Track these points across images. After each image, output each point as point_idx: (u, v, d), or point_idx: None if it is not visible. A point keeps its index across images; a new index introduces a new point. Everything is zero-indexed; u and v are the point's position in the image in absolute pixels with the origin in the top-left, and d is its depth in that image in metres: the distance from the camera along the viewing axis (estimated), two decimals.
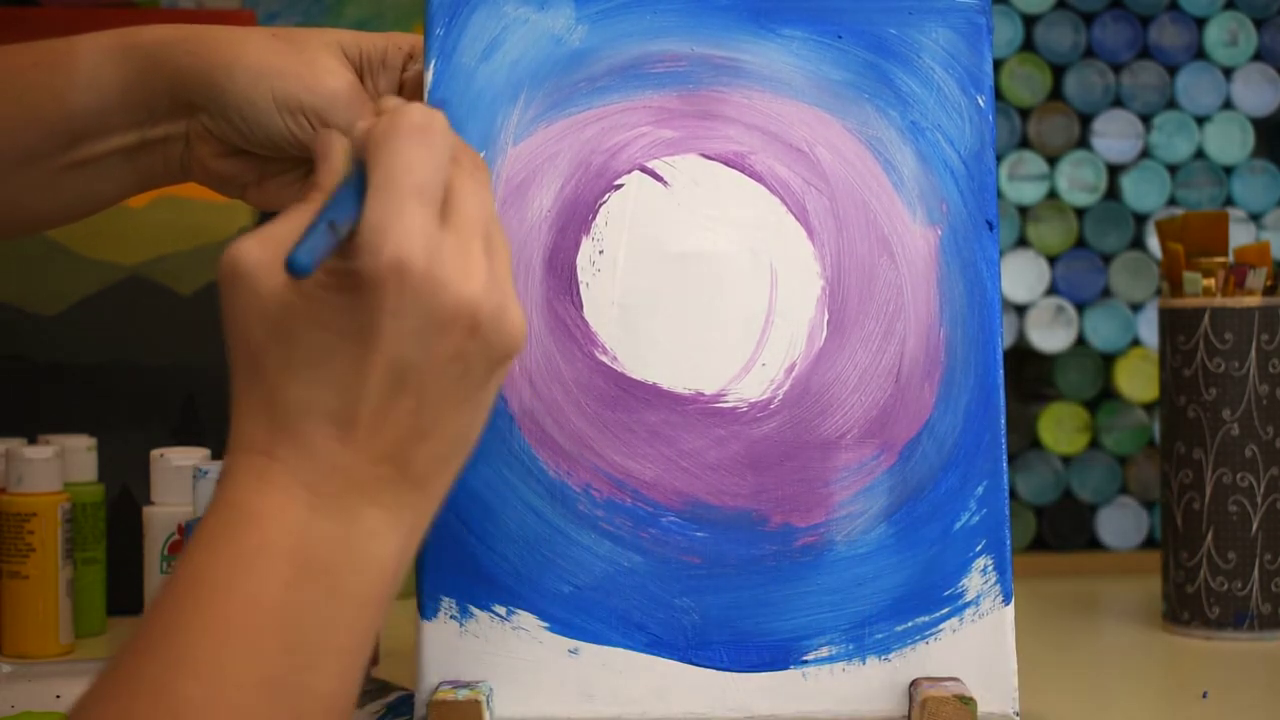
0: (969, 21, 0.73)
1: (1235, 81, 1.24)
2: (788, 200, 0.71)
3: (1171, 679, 0.92)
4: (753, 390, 0.69)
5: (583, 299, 0.70)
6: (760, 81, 0.72)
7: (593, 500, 0.69)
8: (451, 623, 0.68)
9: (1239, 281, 0.98)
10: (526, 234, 0.71)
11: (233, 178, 0.73)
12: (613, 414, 0.69)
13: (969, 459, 0.70)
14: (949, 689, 0.67)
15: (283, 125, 0.70)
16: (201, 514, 0.85)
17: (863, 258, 0.71)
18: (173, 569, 0.53)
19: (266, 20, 1.33)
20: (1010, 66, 1.23)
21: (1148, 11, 1.23)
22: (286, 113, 0.70)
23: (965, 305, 0.70)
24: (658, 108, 0.72)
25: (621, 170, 0.71)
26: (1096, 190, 1.23)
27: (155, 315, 1.07)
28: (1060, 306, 1.22)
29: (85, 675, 0.78)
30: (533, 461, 0.69)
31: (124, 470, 1.05)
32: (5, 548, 0.94)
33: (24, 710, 0.77)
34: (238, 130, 0.70)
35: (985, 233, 0.71)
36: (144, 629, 0.51)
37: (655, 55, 0.72)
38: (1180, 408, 0.99)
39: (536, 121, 0.72)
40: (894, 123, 0.72)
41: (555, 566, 0.68)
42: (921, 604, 0.69)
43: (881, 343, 0.70)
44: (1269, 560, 0.97)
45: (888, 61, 0.72)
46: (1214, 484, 0.98)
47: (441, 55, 0.72)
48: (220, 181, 0.73)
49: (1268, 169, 1.24)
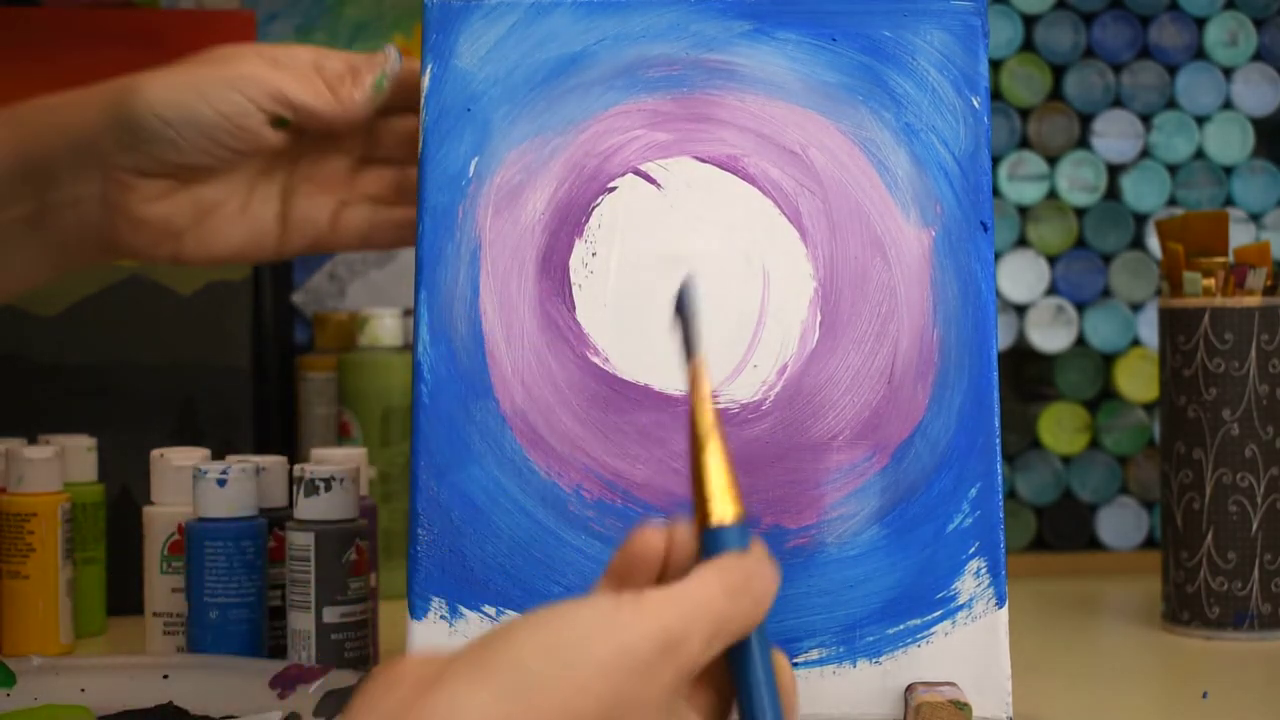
0: (964, 24, 0.73)
1: (1235, 81, 1.24)
2: (780, 202, 0.71)
3: (1171, 679, 0.92)
4: (744, 392, 0.70)
5: (575, 300, 0.70)
6: (754, 84, 0.72)
7: (583, 501, 0.69)
8: (441, 623, 0.68)
9: (1239, 281, 0.98)
10: (520, 237, 0.71)
11: (165, 222, 0.70)
12: (604, 415, 0.69)
13: (962, 461, 0.70)
14: (945, 694, 0.67)
15: (213, 111, 0.68)
16: (201, 513, 0.85)
17: (856, 259, 0.71)
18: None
19: (266, 20, 1.33)
20: (1010, 66, 1.23)
21: (1148, 11, 1.23)
22: (214, 95, 0.68)
23: (959, 307, 0.70)
24: (651, 111, 0.72)
25: (615, 173, 0.71)
26: (1096, 190, 1.23)
27: (155, 315, 1.07)
28: (1060, 306, 1.22)
29: (112, 670, 0.79)
30: (524, 462, 0.69)
31: (124, 470, 1.05)
32: (5, 548, 0.95)
33: (47, 704, 0.77)
34: (167, 141, 0.68)
35: (980, 234, 0.71)
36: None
37: (650, 59, 0.72)
38: (1180, 408, 0.99)
39: (531, 125, 0.72)
40: (888, 125, 0.72)
41: (545, 567, 0.68)
42: (913, 607, 0.69)
43: (874, 344, 0.70)
44: (1269, 560, 0.97)
45: (882, 64, 0.72)
46: (1214, 484, 0.98)
47: (438, 59, 0.72)
48: (152, 235, 0.70)
49: (1268, 169, 1.24)
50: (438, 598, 0.68)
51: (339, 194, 0.73)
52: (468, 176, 0.71)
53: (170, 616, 0.91)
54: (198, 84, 0.68)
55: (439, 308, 0.70)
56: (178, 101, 0.68)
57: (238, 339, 1.11)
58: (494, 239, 0.71)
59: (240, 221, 0.72)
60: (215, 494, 0.85)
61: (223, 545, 0.85)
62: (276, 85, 0.69)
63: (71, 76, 1.16)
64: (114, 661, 0.82)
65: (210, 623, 0.85)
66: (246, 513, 0.86)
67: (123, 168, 0.69)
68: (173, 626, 0.91)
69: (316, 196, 0.73)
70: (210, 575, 0.85)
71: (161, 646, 0.91)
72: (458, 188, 0.71)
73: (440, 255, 0.71)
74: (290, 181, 0.73)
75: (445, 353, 0.70)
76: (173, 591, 0.90)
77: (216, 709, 0.77)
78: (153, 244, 0.71)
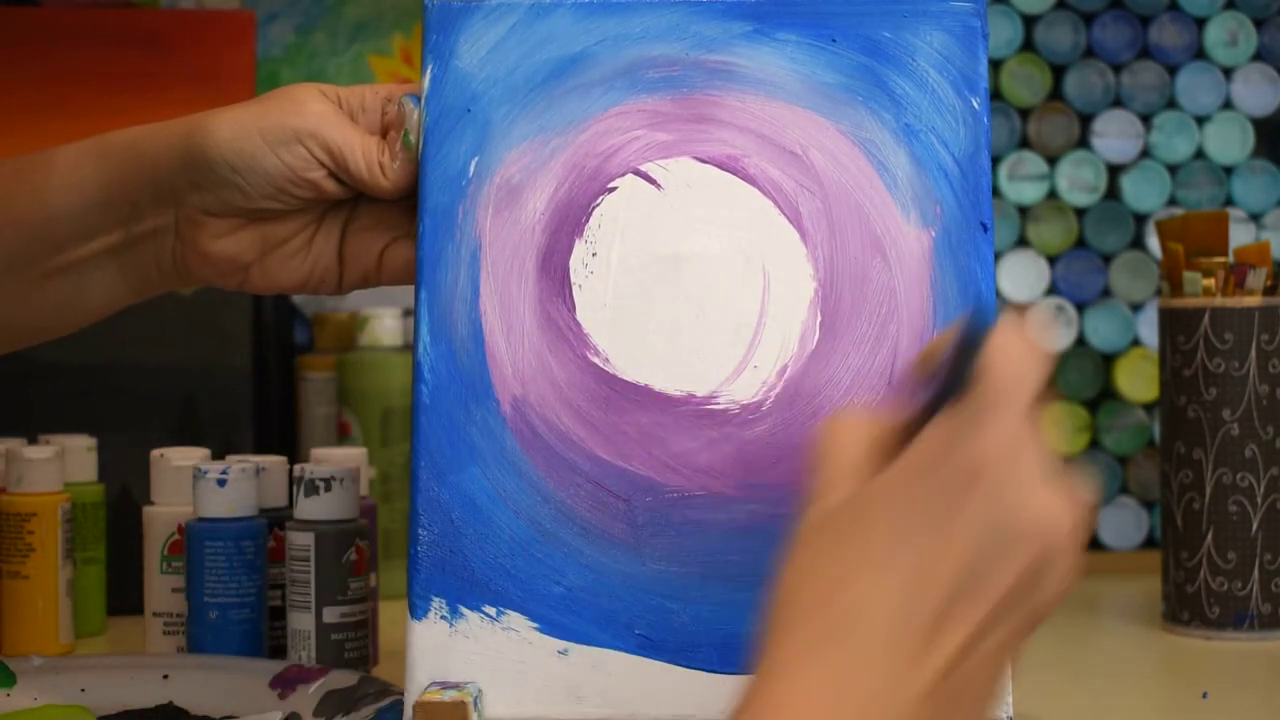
0: (963, 24, 0.73)
1: (1235, 81, 1.24)
2: (780, 203, 0.71)
3: (1171, 679, 0.93)
4: (745, 392, 0.70)
5: (575, 300, 0.70)
6: (754, 85, 0.72)
7: (584, 501, 0.69)
8: (441, 623, 0.68)
9: (1239, 281, 0.98)
10: (520, 237, 0.71)
11: (233, 258, 0.72)
12: (604, 415, 0.69)
13: None
14: None
15: (278, 162, 0.70)
16: (201, 513, 0.85)
17: (856, 260, 0.71)
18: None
19: (266, 20, 1.33)
20: (1010, 66, 1.23)
21: (1148, 11, 1.23)
22: (280, 146, 0.70)
23: (959, 307, 0.71)
24: (652, 111, 0.72)
25: (615, 173, 0.71)
26: (1096, 190, 1.23)
27: (155, 315, 1.07)
28: (1060, 306, 1.22)
29: (112, 670, 0.79)
30: (524, 462, 0.69)
31: (124, 470, 1.05)
32: (5, 548, 0.95)
33: (47, 704, 0.77)
34: (235, 187, 0.70)
35: (980, 235, 0.71)
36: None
37: (650, 60, 0.72)
38: (1180, 408, 0.99)
39: (531, 125, 0.72)
40: (888, 125, 0.72)
41: (545, 567, 0.68)
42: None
43: (874, 345, 0.70)
44: (1269, 560, 0.97)
45: (882, 64, 0.72)
46: (1214, 484, 0.98)
47: (438, 59, 0.72)
48: (220, 268, 0.73)
49: (1268, 169, 1.24)
50: (438, 598, 0.68)
51: (391, 232, 0.74)
52: (468, 176, 0.71)
53: (170, 616, 0.91)
54: (264, 131, 0.70)
55: (439, 308, 0.70)
56: (245, 150, 0.70)
57: (238, 339, 1.11)
58: (494, 239, 0.71)
59: (304, 257, 0.74)
60: (215, 494, 0.85)
61: (223, 545, 0.85)
62: (338, 147, 0.70)
63: (71, 76, 1.17)
64: (114, 661, 0.82)
65: (210, 623, 0.85)
66: (246, 513, 0.86)
67: (194, 206, 0.71)
68: (173, 626, 0.91)
69: (370, 233, 0.74)
70: (210, 575, 0.85)
71: (161, 646, 0.91)
72: (458, 188, 0.71)
73: (440, 255, 0.71)
74: (350, 220, 0.75)
75: (445, 353, 0.70)
76: (173, 591, 0.91)
77: (216, 709, 0.77)
78: (220, 275, 0.73)
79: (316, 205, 0.73)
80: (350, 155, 0.71)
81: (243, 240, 0.72)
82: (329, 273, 0.74)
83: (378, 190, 0.72)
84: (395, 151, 0.71)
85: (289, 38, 1.34)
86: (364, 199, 0.74)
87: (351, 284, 0.75)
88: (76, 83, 1.17)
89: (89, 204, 0.71)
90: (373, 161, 0.71)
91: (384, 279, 0.75)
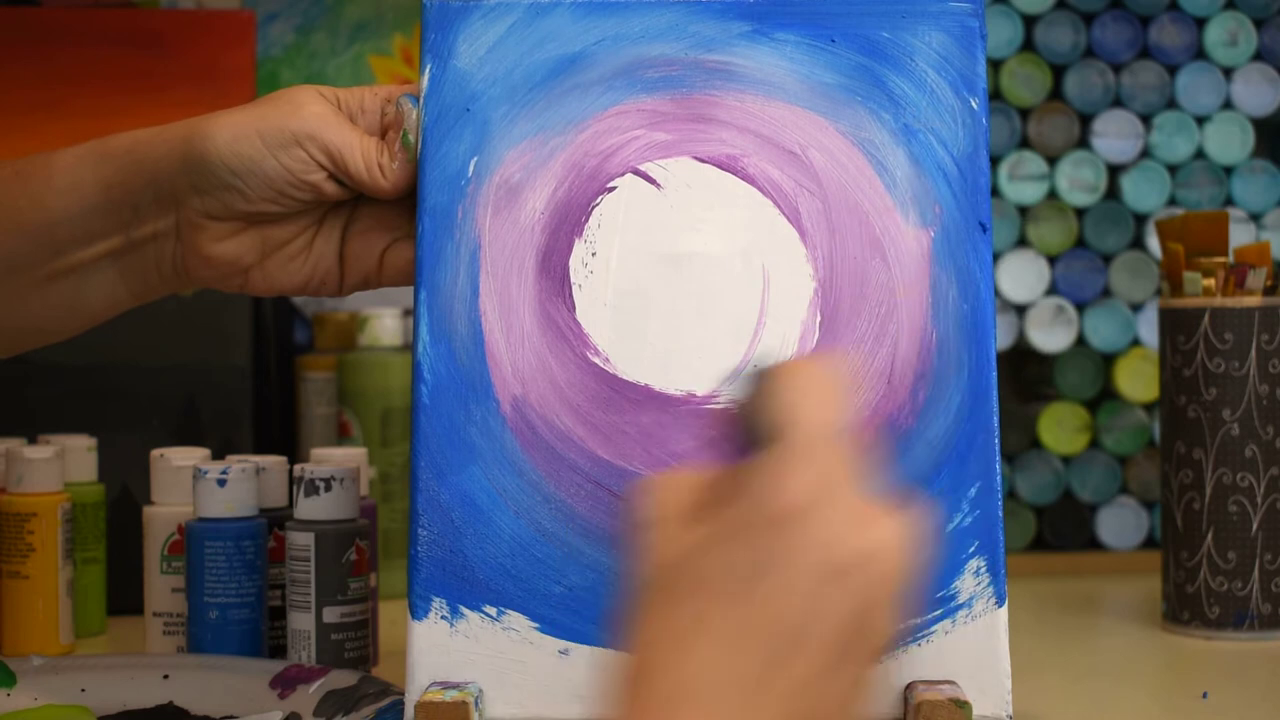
0: (962, 25, 0.73)
1: (1235, 81, 1.24)
2: (780, 202, 0.71)
3: (1171, 679, 0.92)
4: None
5: (575, 300, 0.70)
6: (753, 85, 0.72)
7: (584, 501, 0.69)
8: (442, 623, 0.68)
9: (1239, 281, 0.98)
10: (519, 236, 0.71)
11: (234, 260, 0.72)
12: (604, 415, 0.69)
13: (961, 461, 0.70)
14: (944, 692, 0.67)
15: (278, 165, 0.70)
16: (201, 513, 0.85)
17: (855, 259, 0.71)
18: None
19: (266, 20, 1.33)
20: (1010, 66, 1.23)
21: (1148, 11, 1.23)
22: (279, 149, 0.70)
23: (958, 307, 0.71)
24: (651, 111, 0.72)
25: (614, 173, 0.71)
26: (1096, 190, 1.23)
27: (155, 315, 1.07)
28: (1060, 306, 1.22)
29: (112, 670, 0.79)
30: (524, 462, 0.69)
31: (124, 470, 1.05)
32: (5, 548, 0.95)
33: (47, 704, 0.77)
34: (235, 190, 0.70)
35: (978, 234, 0.71)
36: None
37: (649, 59, 0.72)
38: (1180, 408, 0.99)
39: (531, 125, 0.72)
40: (887, 125, 0.72)
41: (546, 567, 0.68)
42: (913, 605, 0.69)
43: (873, 344, 0.70)
44: (1269, 560, 0.97)
45: (880, 65, 0.72)
46: (1214, 484, 0.98)
47: (436, 59, 0.73)
48: (221, 271, 0.73)
49: (1268, 169, 1.24)
50: (438, 598, 0.68)
51: (392, 233, 0.74)
52: (467, 176, 0.71)
53: (170, 616, 0.91)
54: (263, 134, 0.70)
55: (439, 307, 0.70)
56: (244, 154, 0.70)
57: (238, 339, 1.11)
58: (494, 239, 0.71)
59: (305, 259, 0.74)
60: (215, 494, 0.85)
61: (223, 545, 0.85)
62: (337, 149, 0.70)
63: (71, 76, 1.17)
64: (114, 661, 0.82)
65: (210, 623, 0.85)
66: (246, 513, 0.86)
67: (195, 209, 0.71)
68: (173, 626, 0.91)
69: (370, 235, 0.74)
70: (210, 575, 0.85)
71: (162, 646, 0.91)
72: (457, 187, 0.71)
73: (440, 255, 0.71)
74: (350, 222, 0.75)
75: (445, 352, 0.70)
76: (173, 591, 0.91)
77: (216, 709, 0.77)
78: (221, 278, 0.73)
79: (317, 207, 0.73)
80: (349, 157, 0.71)
81: (243, 243, 0.72)
82: (330, 275, 0.75)
83: (377, 191, 0.72)
84: (394, 152, 0.71)
85: (289, 38, 1.34)
86: (364, 200, 0.74)
87: (352, 286, 0.75)
88: (76, 83, 1.17)
89: (89, 208, 0.71)
90: (372, 163, 0.71)
91: (385, 280, 0.75)
